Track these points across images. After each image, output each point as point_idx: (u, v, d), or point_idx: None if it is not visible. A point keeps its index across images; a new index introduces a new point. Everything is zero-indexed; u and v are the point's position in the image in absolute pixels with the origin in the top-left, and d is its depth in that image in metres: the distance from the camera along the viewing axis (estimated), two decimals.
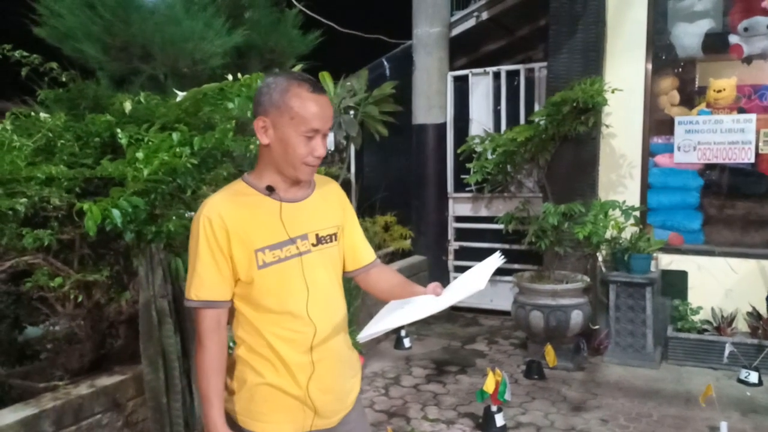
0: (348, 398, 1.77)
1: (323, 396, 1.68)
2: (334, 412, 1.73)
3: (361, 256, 1.85)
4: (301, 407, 1.67)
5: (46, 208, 2.48)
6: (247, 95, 2.79)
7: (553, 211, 4.70)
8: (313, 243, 1.68)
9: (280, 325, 1.63)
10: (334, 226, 1.74)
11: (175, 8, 3.92)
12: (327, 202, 1.76)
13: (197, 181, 2.89)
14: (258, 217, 1.62)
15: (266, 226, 1.62)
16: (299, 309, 1.63)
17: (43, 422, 2.43)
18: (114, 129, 2.66)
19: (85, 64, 3.83)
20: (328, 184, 1.82)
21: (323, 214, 1.73)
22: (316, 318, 1.65)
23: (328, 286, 1.71)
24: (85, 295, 2.69)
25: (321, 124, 1.58)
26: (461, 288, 1.67)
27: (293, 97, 1.56)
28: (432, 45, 6.56)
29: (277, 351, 1.63)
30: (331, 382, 1.70)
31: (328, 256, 1.72)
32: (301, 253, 1.65)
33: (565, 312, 4.61)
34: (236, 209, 1.61)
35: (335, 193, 1.82)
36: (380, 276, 1.88)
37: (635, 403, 4.06)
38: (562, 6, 5.19)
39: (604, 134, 5.20)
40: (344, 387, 1.76)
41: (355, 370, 1.83)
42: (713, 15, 5.05)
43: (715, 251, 4.92)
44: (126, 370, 2.90)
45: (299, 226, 1.66)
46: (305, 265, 1.65)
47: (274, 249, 1.62)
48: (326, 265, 1.71)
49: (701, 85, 5.17)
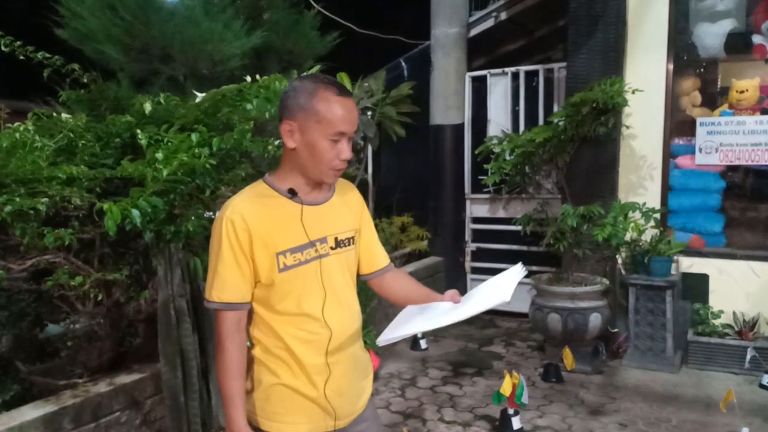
0: (360, 399, 1.78)
1: (338, 398, 1.68)
2: (347, 414, 1.74)
3: (376, 260, 1.86)
4: (318, 409, 1.67)
5: (67, 208, 2.51)
6: (266, 96, 2.80)
7: (571, 213, 4.66)
8: (332, 246, 1.68)
9: (297, 326, 1.63)
10: (352, 230, 1.76)
11: (195, 10, 3.94)
12: (346, 205, 1.77)
13: (216, 182, 2.90)
14: (280, 220, 1.62)
15: (288, 228, 1.62)
16: (316, 311, 1.64)
17: (62, 419, 2.47)
18: (134, 130, 2.69)
19: (105, 65, 3.87)
20: (348, 188, 1.83)
21: (342, 217, 1.74)
22: (332, 321, 1.65)
23: (345, 289, 1.72)
24: (105, 293, 2.72)
25: (347, 127, 1.58)
26: (483, 298, 1.65)
27: (320, 101, 1.55)
28: (450, 45, 6.54)
29: (293, 352, 1.63)
30: (345, 385, 1.70)
31: (345, 259, 1.73)
32: (320, 256, 1.66)
33: (583, 315, 4.56)
34: (259, 211, 1.60)
35: (354, 196, 1.83)
36: (395, 280, 1.90)
37: (654, 407, 4.01)
38: (581, 6, 5.15)
39: (624, 135, 5.15)
40: (357, 389, 1.77)
41: (367, 371, 1.83)
42: (736, 15, 4.98)
43: (737, 254, 4.84)
44: (144, 368, 2.93)
45: (319, 229, 1.66)
46: (323, 268, 1.66)
47: (294, 252, 1.62)
48: (343, 268, 1.72)
49: (723, 86, 5.10)
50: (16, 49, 2.80)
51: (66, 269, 2.57)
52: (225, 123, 2.94)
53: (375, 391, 4.21)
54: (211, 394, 2.91)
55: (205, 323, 2.90)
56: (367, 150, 6.89)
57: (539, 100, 6.10)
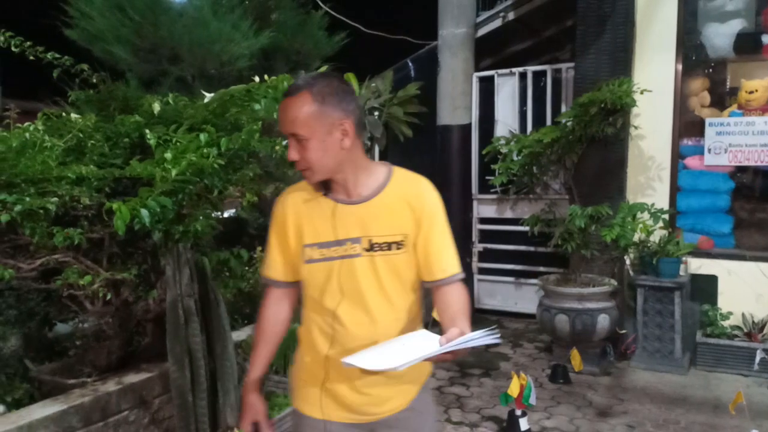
0: (385, 404, 1.71)
1: (352, 393, 1.68)
2: (367, 412, 1.70)
3: (430, 271, 1.68)
4: (329, 398, 1.70)
5: (77, 208, 2.52)
6: (273, 97, 2.80)
7: (579, 214, 4.65)
8: (365, 248, 1.63)
9: (319, 315, 1.68)
10: (397, 234, 1.64)
11: (203, 10, 3.96)
12: (393, 207, 1.64)
13: (224, 182, 2.91)
14: (312, 215, 1.66)
15: (317, 224, 1.65)
16: (333, 307, 1.65)
17: (71, 418, 2.48)
18: (143, 130, 2.70)
19: (114, 65, 3.89)
20: (406, 188, 1.67)
21: (384, 219, 1.64)
22: (348, 321, 1.64)
23: (371, 292, 1.64)
24: (113, 293, 2.73)
25: (282, 128, 1.58)
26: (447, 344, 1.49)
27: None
28: (457, 46, 6.53)
29: (313, 338, 1.69)
30: (361, 384, 1.67)
31: (384, 263, 1.64)
32: (349, 256, 1.63)
33: (591, 316, 4.55)
34: (298, 203, 1.68)
35: (410, 198, 1.65)
36: (441, 299, 1.68)
37: (662, 409, 3.99)
38: (589, 6, 5.13)
39: (633, 136, 5.13)
40: (381, 392, 1.70)
41: (397, 380, 1.69)
42: (745, 15, 4.95)
43: (746, 256, 4.82)
44: (153, 367, 2.94)
45: (350, 229, 1.63)
46: (348, 268, 1.64)
47: (321, 247, 1.65)
48: (377, 271, 1.64)
49: (733, 86, 5.07)
50: (26, 49, 2.82)
51: (75, 268, 2.58)
52: (233, 123, 2.95)
53: None
54: (219, 394, 2.92)
55: (213, 323, 2.91)
56: (374, 150, 6.90)
57: (547, 101, 6.08)
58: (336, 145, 1.57)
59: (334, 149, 1.57)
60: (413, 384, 1.74)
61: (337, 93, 1.57)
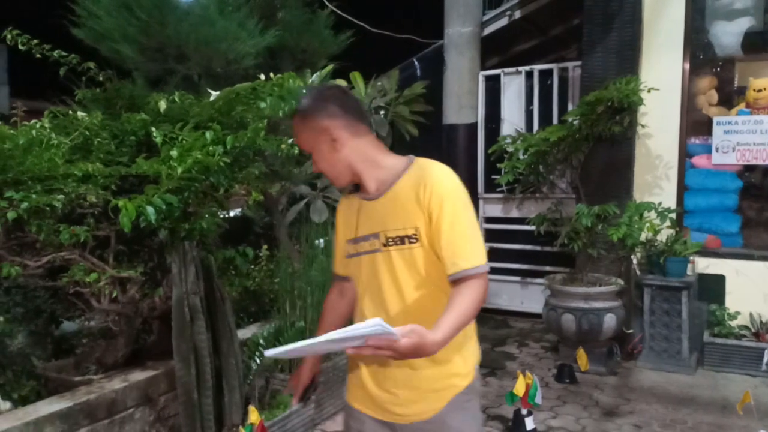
0: (407, 407, 1.66)
1: (378, 389, 1.70)
2: (392, 411, 1.69)
3: (444, 265, 1.59)
4: (364, 391, 1.73)
5: (83, 205, 2.53)
6: (279, 95, 2.80)
7: (586, 213, 4.63)
8: (383, 243, 1.65)
9: (358, 307, 1.76)
10: (409, 227, 1.61)
11: (209, 9, 3.97)
12: (400, 201, 1.63)
13: (230, 180, 2.91)
14: (347, 213, 1.78)
15: (349, 221, 1.76)
16: (361, 300, 1.74)
17: (77, 415, 2.49)
18: (149, 128, 2.71)
19: (121, 64, 3.90)
20: (422, 180, 1.61)
21: (394, 214, 1.63)
22: (369, 314, 1.66)
23: (389, 286, 1.64)
24: (119, 290, 2.74)
25: (299, 147, 1.74)
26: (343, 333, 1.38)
27: None
28: (463, 44, 6.52)
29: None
30: (382, 378, 1.68)
31: (399, 257, 1.62)
32: (371, 251, 1.68)
33: (597, 315, 4.53)
34: (344, 203, 1.83)
35: (418, 189, 1.60)
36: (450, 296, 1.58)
37: (669, 409, 3.97)
38: (596, 4, 5.11)
39: (640, 134, 5.10)
40: (407, 394, 1.66)
41: (415, 384, 1.65)
42: (753, 13, 4.92)
43: (754, 255, 4.78)
44: (158, 365, 2.95)
45: (369, 225, 1.69)
46: (369, 263, 1.69)
47: (352, 243, 1.75)
48: (394, 266, 1.63)
49: (740, 85, 5.04)
50: (33, 47, 2.83)
51: (81, 266, 2.59)
52: (239, 121, 2.95)
53: None
54: (225, 392, 2.92)
55: (218, 321, 2.91)
56: None
57: (553, 99, 6.06)
58: (329, 152, 1.65)
59: (330, 156, 1.66)
60: (438, 393, 1.66)
61: (317, 104, 1.65)
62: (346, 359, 3.88)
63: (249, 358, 3.20)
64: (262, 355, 3.22)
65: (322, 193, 5.32)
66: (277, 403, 3.27)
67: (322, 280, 3.93)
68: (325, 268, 4.04)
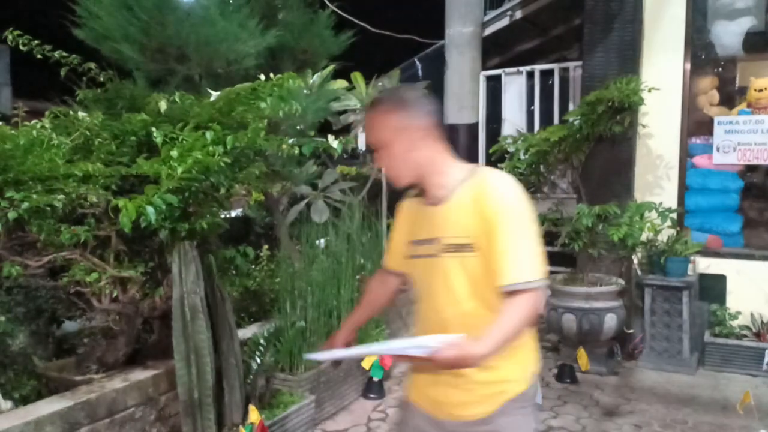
0: (458, 409, 1.69)
1: (430, 386, 1.75)
2: (437, 410, 1.74)
3: (498, 276, 1.59)
4: (419, 387, 1.80)
5: (84, 205, 2.53)
6: (279, 95, 2.81)
7: (587, 213, 4.63)
8: (441, 249, 1.68)
9: (416, 306, 1.82)
10: (464, 236, 1.63)
11: (210, 10, 3.96)
12: (460, 210, 1.65)
13: (230, 180, 2.92)
14: (411, 214, 1.85)
15: (411, 224, 1.83)
16: (418, 302, 1.80)
17: (78, 414, 2.49)
18: (149, 128, 2.71)
19: (122, 64, 3.90)
20: (482, 188, 1.64)
21: (452, 221, 1.66)
22: (424, 316, 1.77)
23: (442, 292, 1.67)
24: (120, 290, 2.75)
25: (368, 140, 1.74)
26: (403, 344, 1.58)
27: None
28: (464, 45, 6.53)
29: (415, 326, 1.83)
30: (436, 379, 1.71)
31: (456, 265, 1.65)
32: (429, 255, 1.72)
33: (598, 315, 4.53)
34: (407, 205, 1.88)
35: (478, 201, 1.62)
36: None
37: (670, 409, 3.97)
38: (597, 4, 5.11)
39: (641, 134, 5.10)
40: (444, 390, 1.70)
41: (464, 385, 1.66)
42: (755, 12, 4.92)
43: (755, 255, 4.79)
44: (159, 365, 2.95)
45: (429, 230, 1.73)
46: (427, 267, 1.73)
47: (413, 245, 1.80)
48: (449, 272, 1.66)
49: (742, 85, 5.04)
50: (34, 47, 2.84)
51: (82, 266, 2.59)
52: (239, 122, 2.95)
53: (387, 389, 4.23)
54: (225, 391, 2.93)
55: (219, 321, 2.92)
56: None
57: (554, 99, 6.07)
58: (403, 152, 1.67)
59: (402, 156, 1.67)
60: (488, 397, 1.66)
61: (404, 104, 1.68)
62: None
63: (249, 357, 3.21)
64: (263, 355, 3.23)
65: (323, 194, 5.33)
66: (277, 403, 3.28)
67: (322, 280, 3.94)
68: (325, 268, 4.05)
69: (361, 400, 4.12)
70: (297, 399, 3.36)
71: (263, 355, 3.23)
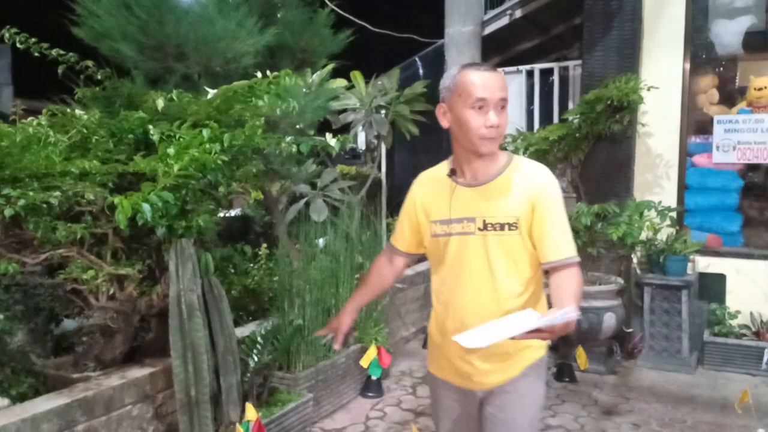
0: (488, 377, 1.86)
1: (459, 360, 1.87)
2: (473, 380, 1.88)
3: (544, 253, 1.78)
4: (446, 361, 1.92)
5: (81, 203, 2.54)
6: (276, 92, 2.81)
7: (585, 211, 4.62)
8: (479, 227, 1.78)
9: (439, 285, 1.90)
10: (510, 216, 1.76)
11: (209, 8, 3.96)
12: (507, 191, 1.78)
13: (228, 178, 2.92)
14: (437, 195, 1.88)
15: (440, 203, 1.86)
16: (449, 279, 1.86)
17: (75, 412, 2.49)
18: (147, 126, 2.71)
19: (121, 63, 3.90)
20: (525, 174, 1.80)
21: (498, 202, 1.78)
22: (456, 294, 1.83)
23: (481, 269, 1.78)
24: (117, 288, 2.75)
25: (486, 93, 1.72)
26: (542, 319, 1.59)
27: (461, 78, 1.75)
28: (464, 44, 6.51)
29: (436, 307, 1.94)
30: (466, 352, 1.81)
31: (496, 243, 1.77)
32: (465, 233, 1.80)
33: (597, 314, 4.52)
34: (427, 186, 1.94)
35: (525, 184, 1.78)
36: (554, 281, 1.77)
37: (669, 408, 3.97)
38: (597, 3, 5.10)
39: (640, 133, 5.09)
40: (484, 364, 1.84)
41: (500, 357, 1.83)
42: (755, 11, 4.91)
43: (754, 254, 4.78)
44: (157, 362, 2.95)
45: (466, 209, 1.80)
46: (465, 244, 1.80)
47: (443, 224, 1.85)
48: (490, 250, 1.77)
49: (742, 84, 5.03)
50: (31, 45, 2.84)
51: (79, 263, 2.60)
52: (237, 119, 2.96)
53: (386, 388, 4.23)
54: (222, 389, 2.93)
55: (215, 318, 2.92)
56: (380, 148, 6.89)
57: (554, 99, 6.07)
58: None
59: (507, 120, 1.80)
60: (514, 363, 1.85)
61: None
62: (344, 358, 3.89)
63: (247, 355, 3.21)
64: (260, 353, 3.23)
65: (322, 192, 5.33)
66: (275, 401, 3.28)
67: (320, 278, 3.94)
68: (323, 267, 4.05)
69: (359, 398, 4.12)
70: (295, 397, 3.36)
71: (261, 353, 3.24)
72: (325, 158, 5.67)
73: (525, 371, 1.86)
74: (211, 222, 2.82)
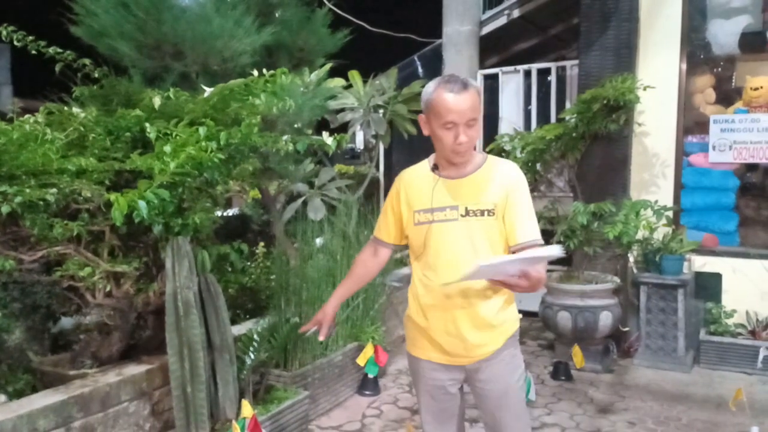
0: (477, 350, 2.04)
1: (446, 336, 2.03)
2: (459, 354, 2.05)
3: (514, 236, 2.00)
4: (429, 340, 2.08)
5: (78, 200, 2.55)
6: (272, 91, 2.82)
7: (582, 210, 4.64)
8: (462, 214, 1.99)
9: (422, 270, 2.07)
10: (489, 203, 1.99)
11: (206, 7, 3.98)
12: (486, 183, 2.01)
13: (224, 176, 2.93)
14: (420, 187, 2.06)
15: (424, 194, 2.04)
16: (434, 262, 2.02)
17: (71, 408, 2.50)
18: (143, 124, 2.72)
19: (119, 62, 3.92)
20: (506, 171, 2.05)
21: (477, 192, 2.00)
22: (443, 274, 1.98)
23: (465, 250, 1.97)
24: (114, 285, 2.76)
25: (456, 117, 1.90)
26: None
27: (435, 98, 1.92)
28: (462, 43, 6.53)
29: (417, 291, 2.09)
30: (453, 328, 2.01)
31: (477, 227, 1.98)
32: (447, 220, 2.00)
33: (593, 313, 4.54)
34: (411, 179, 2.11)
35: (501, 177, 2.02)
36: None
37: (664, 406, 3.98)
38: (593, 3, 5.12)
39: (637, 133, 5.11)
40: (471, 337, 2.01)
41: (489, 328, 2.03)
42: (751, 11, 4.92)
43: (750, 253, 4.79)
44: (153, 360, 2.96)
45: (448, 199, 2.01)
46: (447, 229, 1.99)
47: (426, 212, 2.03)
48: (472, 233, 1.98)
49: (738, 84, 5.04)
50: (29, 44, 2.85)
51: (76, 260, 2.61)
52: (234, 118, 2.97)
53: (383, 386, 4.24)
54: (218, 386, 2.94)
55: (212, 316, 2.93)
56: (378, 147, 6.91)
57: (552, 98, 6.07)
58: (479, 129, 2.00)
59: (478, 132, 1.98)
60: (498, 333, 2.06)
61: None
62: (341, 356, 3.89)
63: (243, 353, 3.22)
64: (257, 351, 3.24)
65: (320, 191, 5.34)
66: (271, 398, 3.29)
67: (317, 276, 3.95)
68: (320, 266, 4.06)
69: (356, 396, 4.13)
70: (291, 395, 3.37)
71: (257, 350, 3.24)
72: (323, 157, 5.69)
73: (506, 342, 2.08)
74: (208, 220, 2.83)
